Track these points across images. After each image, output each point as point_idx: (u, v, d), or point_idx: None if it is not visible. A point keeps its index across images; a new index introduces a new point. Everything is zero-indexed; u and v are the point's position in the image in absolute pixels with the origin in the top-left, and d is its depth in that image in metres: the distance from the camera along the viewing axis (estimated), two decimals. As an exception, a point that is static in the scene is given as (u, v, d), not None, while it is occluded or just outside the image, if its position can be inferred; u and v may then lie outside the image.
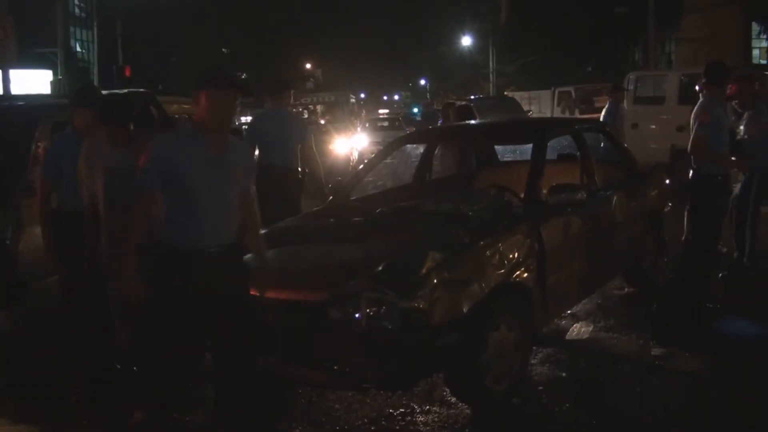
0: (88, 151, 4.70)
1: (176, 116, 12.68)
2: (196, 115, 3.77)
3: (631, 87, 15.11)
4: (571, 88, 25.68)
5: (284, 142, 6.99)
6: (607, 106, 12.16)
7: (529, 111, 25.85)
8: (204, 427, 4.58)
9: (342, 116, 23.14)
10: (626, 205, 6.47)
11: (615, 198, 6.30)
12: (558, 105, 25.89)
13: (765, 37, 34.90)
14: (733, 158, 6.33)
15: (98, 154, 4.66)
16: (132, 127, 5.00)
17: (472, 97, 31.93)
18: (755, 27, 34.50)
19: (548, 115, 25.87)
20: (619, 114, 11.86)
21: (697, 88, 6.49)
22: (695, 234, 6.15)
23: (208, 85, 3.71)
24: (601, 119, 11.59)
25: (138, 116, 5.70)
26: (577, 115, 21.37)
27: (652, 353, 5.48)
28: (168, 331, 3.72)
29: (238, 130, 22.01)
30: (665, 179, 7.58)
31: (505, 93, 34.59)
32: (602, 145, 8.41)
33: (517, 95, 31.61)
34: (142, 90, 8.24)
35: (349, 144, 20.16)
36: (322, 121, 21.97)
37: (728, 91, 6.59)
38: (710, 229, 6.09)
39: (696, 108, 6.05)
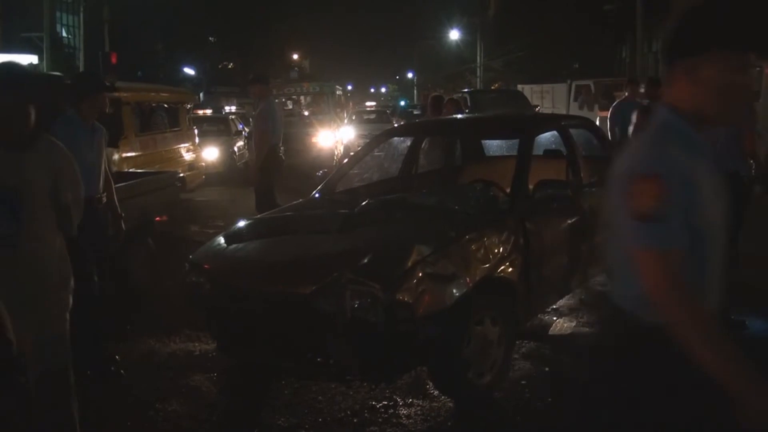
0: None
1: (154, 104, 12.15)
2: (678, 99, 2.15)
3: None
4: (590, 82, 24.06)
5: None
6: (617, 105, 10.28)
7: (537, 106, 24.04)
8: (196, 418, 4.59)
9: (327, 108, 22.39)
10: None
11: (601, 194, 6.31)
12: (575, 100, 24.47)
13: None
14: None
15: None
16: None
17: (465, 90, 31.04)
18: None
19: (563, 110, 24.49)
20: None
21: None
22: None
23: (724, 40, 2.06)
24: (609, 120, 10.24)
25: None
26: (597, 111, 20.08)
27: (634, 350, 5.50)
28: None
29: (225, 120, 21.83)
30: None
31: (518, 86, 33.31)
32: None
33: (527, 88, 30.39)
34: (51, 73, 8.08)
35: (334, 137, 19.77)
36: (306, 113, 21.39)
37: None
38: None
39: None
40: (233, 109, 38.55)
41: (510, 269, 4.79)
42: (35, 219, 3.22)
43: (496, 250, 4.70)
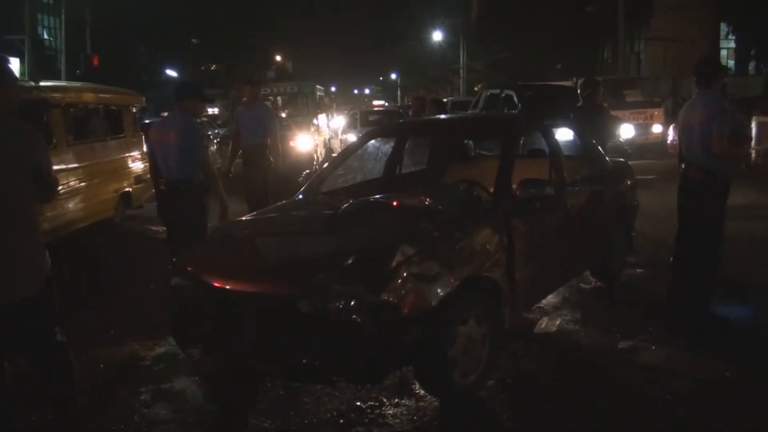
0: None
1: (91, 107, 10.69)
2: None
3: None
4: (598, 80, 22.96)
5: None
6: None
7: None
8: (182, 423, 4.57)
9: (306, 109, 21.21)
10: (594, 200, 6.54)
11: (583, 193, 6.36)
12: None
13: (733, 37, 35.30)
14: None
15: None
16: None
17: (502, 85, 27.62)
18: (724, 27, 34.91)
19: None
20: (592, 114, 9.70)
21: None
22: (709, 234, 6.10)
23: None
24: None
25: None
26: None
27: (619, 346, 5.54)
28: None
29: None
30: (633, 175, 7.66)
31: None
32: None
33: None
34: None
35: (313, 141, 18.88)
36: (283, 115, 20.20)
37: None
38: (720, 229, 6.20)
39: (708, 106, 5.88)
40: (216, 111, 38.29)
41: (494, 268, 4.80)
42: None
43: (480, 250, 4.71)
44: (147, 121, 22.08)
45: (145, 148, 10.37)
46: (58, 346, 3.91)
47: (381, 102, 40.82)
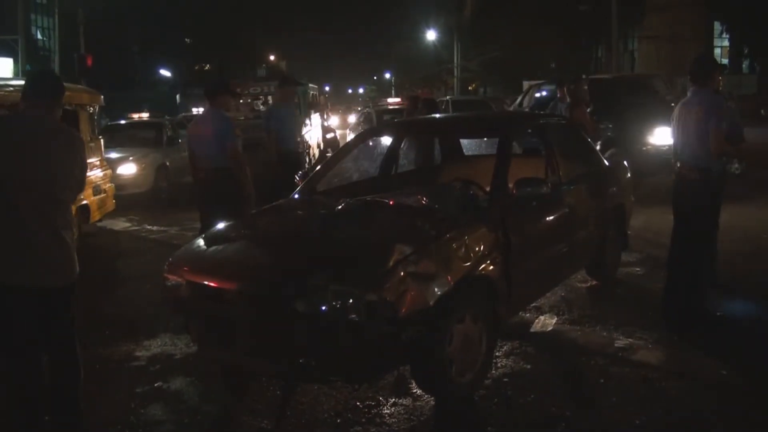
0: None
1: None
2: None
3: None
4: (609, 77, 20.89)
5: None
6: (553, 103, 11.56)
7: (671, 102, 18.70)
8: (177, 423, 4.56)
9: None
10: (590, 199, 6.54)
11: (579, 192, 6.35)
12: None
13: (727, 36, 35.41)
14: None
15: None
16: None
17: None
18: (717, 26, 35.02)
19: None
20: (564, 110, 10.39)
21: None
22: (703, 231, 6.13)
23: None
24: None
25: None
26: None
27: (615, 345, 5.54)
28: None
29: (157, 126, 19.27)
30: (627, 174, 7.66)
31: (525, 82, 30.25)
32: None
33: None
34: None
35: (305, 142, 18.47)
36: None
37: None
38: (714, 227, 6.24)
39: (704, 103, 5.85)
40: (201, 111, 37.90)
41: (491, 267, 4.80)
42: None
43: (476, 249, 4.71)
44: (123, 122, 20.64)
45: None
46: (74, 346, 4.13)
47: (396, 99, 32.36)
